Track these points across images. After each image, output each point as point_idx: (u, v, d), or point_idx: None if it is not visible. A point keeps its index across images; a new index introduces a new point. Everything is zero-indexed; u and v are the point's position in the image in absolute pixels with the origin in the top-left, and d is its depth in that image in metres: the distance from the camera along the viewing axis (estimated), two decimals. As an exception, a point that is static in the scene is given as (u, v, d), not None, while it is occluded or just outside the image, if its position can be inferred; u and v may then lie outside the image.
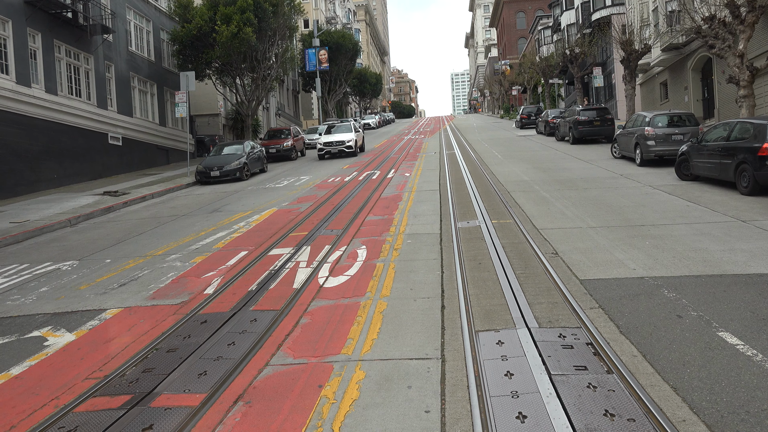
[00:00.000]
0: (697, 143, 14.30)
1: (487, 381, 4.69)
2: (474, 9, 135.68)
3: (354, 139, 28.30)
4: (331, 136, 28.97)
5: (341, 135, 28.69)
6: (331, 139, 28.37)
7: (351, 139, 28.19)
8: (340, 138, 28.26)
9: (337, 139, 28.22)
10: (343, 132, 29.33)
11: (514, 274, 7.52)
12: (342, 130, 29.70)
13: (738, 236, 8.80)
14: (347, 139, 28.19)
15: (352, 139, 28.23)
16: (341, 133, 29.19)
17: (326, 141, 28.28)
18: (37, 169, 21.11)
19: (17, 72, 20.16)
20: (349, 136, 28.41)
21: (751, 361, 4.81)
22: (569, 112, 28.86)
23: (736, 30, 17.51)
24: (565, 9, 52.11)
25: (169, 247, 10.98)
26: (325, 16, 71.76)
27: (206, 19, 28.85)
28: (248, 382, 5.03)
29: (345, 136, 28.56)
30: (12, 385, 5.40)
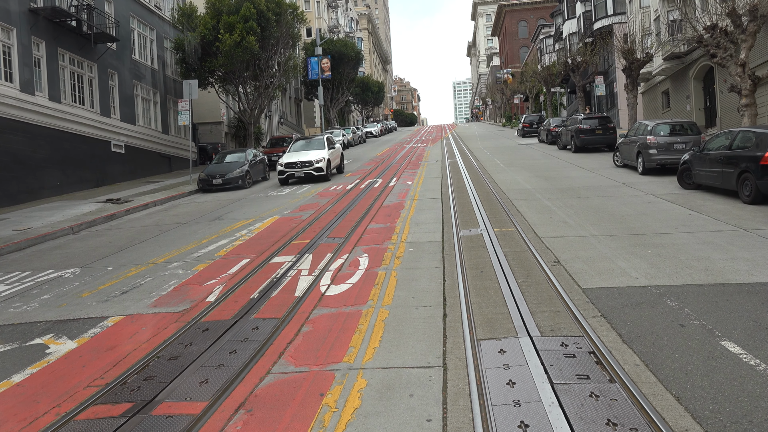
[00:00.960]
0: (699, 152, 14.30)
1: (489, 390, 4.67)
2: (476, 18, 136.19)
3: (325, 159, 22.20)
4: (295, 154, 22.87)
5: (309, 153, 22.58)
6: (294, 159, 22.17)
7: (321, 159, 22.02)
8: (306, 157, 22.05)
9: (302, 158, 22.00)
10: (312, 149, 23.31)
11: (516, 283, 7.51)
12: (312, 146, 23.74)
13: (740, 245, 8.78)
14: (316, 158, 21.97)
15: (323, 158, 22.08)
16: (310, 150, 23.19)
17: (288, 161, 22.00)
18: (40, 176, 21.17)
19: (21, 80, 20.27)
20: (318, 155, 22.29)
21: (754, 370, 4.79)
22: (571, 120, 28.88)
23: (737, 39, 17.54)
24: (566, 18, 52.25)
25: (171, 254, 10.99)
26: (327, 24, 72.09)
27: (209, 28, 29.00)
28: (250, 390, 5.02)
29: (314, 154, 22.41)
30: (14, 392, 5.40)
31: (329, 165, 22.62)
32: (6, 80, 19.72)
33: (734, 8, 17.19)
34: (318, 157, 22.08)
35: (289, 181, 22.51)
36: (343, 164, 25.39)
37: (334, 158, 23.72)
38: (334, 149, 24.03)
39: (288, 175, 22.03)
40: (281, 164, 22.20)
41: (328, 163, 22.38)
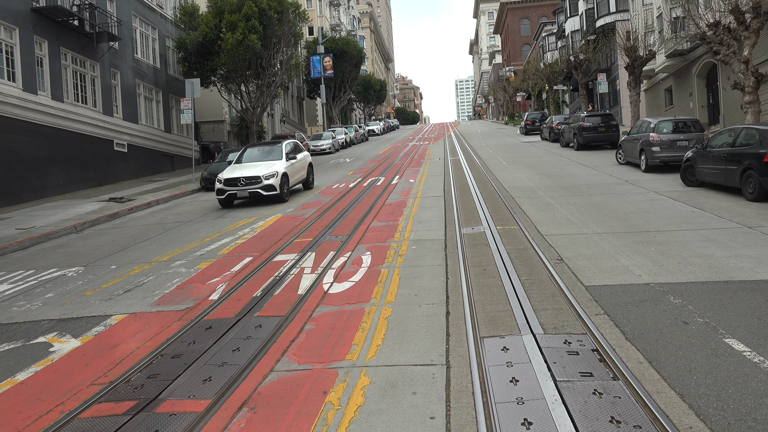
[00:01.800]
0: (703, 149, 14.27)
1: (492, 387, 4.67)
2: (478, 16, 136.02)
3: (278, 174, 16.66)
4: (240, 167, 17.29)
5: (257, 166, 17.09)
6: (237, 173, 16.67)
7: (272, 174, 16.55)
8: (252, 171, 16.58)
9: (247, 173, 16.52)
10: (263, 161, 17.66)
11: (519, 281, 7.50)
12: (265, 156, 18.12)
13: (744, 242, 8.76)
14: (265, 173, 16.48)
15: (275, 173, 16.62)
16: (260, 162, 17.56)
17: (229, 177, 16.56)
18: (43, 175, 21.21)
19: (24, 79, 20.30)
20: (269, 168, 16.81)
21: (758, 367, 4.78)
22: (574, 118, 28.85)
23: (741, 36, 17.49)
24: (569, 16, 52.14)
25: (174, 253, 11.01)
26: (329, 23, 72.07)
27: (211, 27, 29.02)
28: (253, 388, 5.03)
29: (263, 167, 16.91)
30: (18, 390, 5.41)
31: (285, 181, 17.05)
32: (9, 79, 19.75)
33: (737, 5, 17.13)
34: (268, 172, 16.52)
35: (233, 203, 17.21)
36: (311, 178, 20.07)
37: (294, 172, 18.15)
38: (294, 160, 18.30)
39: (228, 194, 16.53)
40: (220, 180, 16.60)
41: (283, 179, 16.88)
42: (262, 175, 16.42)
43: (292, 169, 18.03)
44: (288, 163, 17.67)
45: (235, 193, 16.56)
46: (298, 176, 18.70)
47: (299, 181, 19.08)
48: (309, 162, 20.18)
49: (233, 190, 16.48)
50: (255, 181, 16.39)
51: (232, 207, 16.95)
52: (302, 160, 19.33)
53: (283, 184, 16.93)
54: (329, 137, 40.23)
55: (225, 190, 16.56)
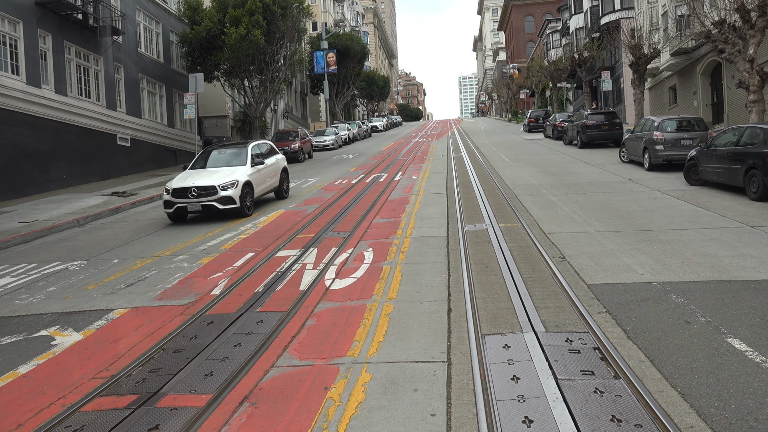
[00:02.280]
0: (706, 148, 14.23)
1: (494, 385, 4.67)
2: (482, 12, 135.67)
3: (238, 184, 13.81)
4: (193, 175, 14.39)
5: (213, 174, 14.23)
6: (188, 182, 13.76)
7: (230, 183, 13.69)
8: (207, 180, 13.72)
9: (200, 183, 13.63)
10: (224, 166, 14.93)
11: (521, 278, 7.50)
12: (226, 161, 15.31)
13: (747, 242, 8.74)
14: (222, 182, 13.61)
15: (234, 182, 13.75)
16: (219, 168, 14.77)
17: (179, 187, 13.64)
18: (46, 169, 21.24)
19: (27, 73, 20.31)
20: (229, 177, 13.89)
21: (760, 367, 4.77)
22: (577, 116, 28.79)
23: (746, 35, 17.41)
24: (573, 13, 51.98)
25: (177, 248, 11.02)
26: (333, 18, 71.95)
27: (215, 22, 28.99)
28: (254, 383, 5.04)
29: (221, 176, 13.97)
30: (19, 383, 5.43)
31: (248, 192, 14.21)
32: (12, 73, 19.76)
33: (743, 3, 17.05)
34: (225, 180, 13.63)
35: (187, 218, 14.13)
36: (285, 186, 17.16)
37: (261, 179, 15.27)
38: (262, 165, 15.40)
39: (178, 208, 13.49)
40: (168, 190, 13.74)
41: (245, 189, 13.99)
42: (218, 184, 13.48)
43: (259, 176, 15.10)
44: (253, 169, 14.79)
45: (185, 207, 13.47)
46: (267, 184, 15.84)
47: (269, 190, 16.24)
48: (283, 167, 17.22)
49: (183, 202, 13.45)
50: (209, 192, 13.44)
51: (184, 222, 13.97)
52: (273, 165, 16.43)
53: (245, 195, 14.00)
54: (332, 133, 40.20)
55: (173, 202, 13.52)
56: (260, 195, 15.42)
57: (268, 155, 16.34)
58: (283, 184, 17.03)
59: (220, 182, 13.61)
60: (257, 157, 15.45)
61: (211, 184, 13.58)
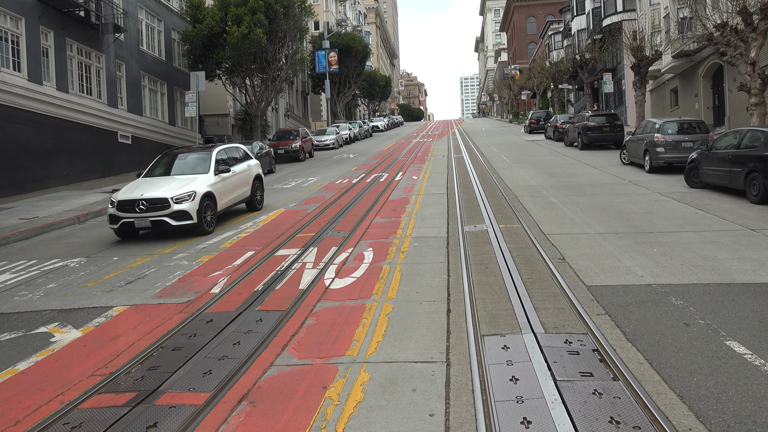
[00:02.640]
0: (707, 151, 14.23)
1: (492, 385, 4.67)
2: (484, 13, 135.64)
3: (198, 195, 11.84)
4: (145, 183, 12.45)
5: (168, 184, 12.14)
6: (136, 194, 11.79)
7: (186, 195, 11.69)
8: (158, 192, 11.71)
9: (150, 194, 11.67)
10: (178, 175, 12.81)
11: (520, 279, 7.50)
12: (186, 168, 13.14)
13: (747, 245, 8.74)
14: (176, 194, 11.64)
15: (191, 193, 11.75)
16: (175, 177, 12.68)
17: (126, 199, 11.71)
18: (47, 166, 21.24)
19: (29, 69, 20.31)
20: (185, 187, 11.91)
21: (759, 370, 4.77)
22: (578, 117, 28.77)
23: (748, 38, 17.40)
24: (575, 14, 51.97)
25: (177, 246, 11.02)
26: (335, 18, 71.93)
27: (217, 20, 28.99)
28: (253, 381, 5.03)
29: (175, 186, 11.97)
30: (18, 380, 5.43)
31: (209, 205, 12.12)
32: (14, 69, 19.76)
33: (745, 6, 17.05)
34: (180, 192, 11.62)
35: (138, 233, 12.26)
36: (258, 197, 15.01)
37: (227, 190, 13.16)
38: (228, 174, 13.27)
39: (124, 224, 11.52)
40: (113, 202, 11.77)
41: (204, 201, 11.90)
42: (171, 196, 11.48)
43: (224, 186, 13.04)
44: (217, 178, 12.76)
45: (132, 222, 11.44)
46: (235, 195, 13.70)
47: (239, 201, 14.08)
48: (256, 174, 15.01)
49: (129, 217, 11.43)
50: (160, 206, 11.45)
51: (132, 238, 12.04)
52: (244, 172, 14.31)
53: (205, 209, 11.91)
54: (333, 132, 40.22)
55: (118, 217, 11.54)
56: (226, 207, 13.40)
57: (239, 161, 14.45)
58: (255, 194, 14.85)
59: (174, 194, 11.58)
60: (223, 163, 13.48)
61: (163, 195, 11.55)
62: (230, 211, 14.28)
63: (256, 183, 14.98)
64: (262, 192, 15.40)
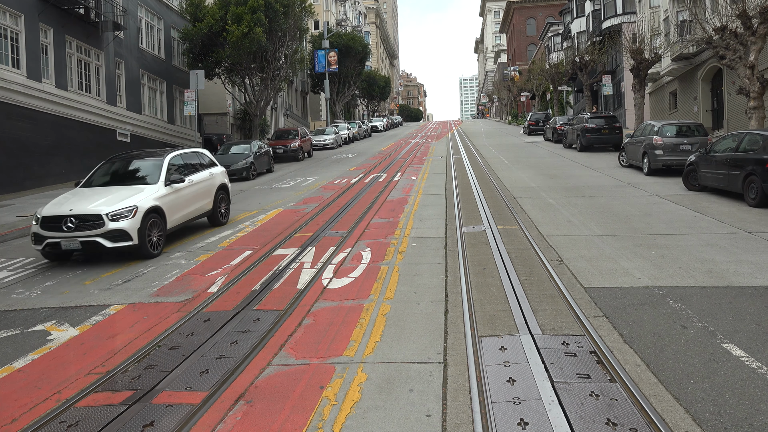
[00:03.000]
0: (706, 154, 14.25)
1: (489, 386, 4.67)
2: (484, 14, 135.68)
3: (141, 210, 9.88)
4: (76, 197, 10.43)
5: (103, 198, 10.08)
6: (65, 209, 9.80)
7: (125, 211, 9.71)
8: (90, 207, 9.75)
9: (80, 209, 9.70)
10: (121, 185, 10.96)
11: (518, 280, 7.50)
12: (129, 177, 11.41)
13: (745, 248, 8.75)
14: (112, 210, 9.62)
15: (131, 208, 9.78)
16: (116, 188, 10.77)
17: (51, 215, 9.72)
18: (46, 163, 21.21)
19: (28, 67, 20.27)
20: (124, 201, 9.91)
21: (755, 373, 4.78)
22: (577, 119, 28.79)
23: (747, 41, 17.43)
24: (575, 16, 51.99)
25: (174, 244, 11.01)
26: (335, 18, 71.92)
27: (217, 19, 28.97)
28: (250, 381, 5.03)
29: (111, 201, 9.94)
30: (15, 378, 5.42)
31: (154, 223, 10.19)
32: (13, 66, 19.73)
33: (745, 10, 17.08)
34: (118, 207, 9.70)
35: (71, 256, 10.27)
36: (223, 209, 13.02)
37: (179, 204, 11.21)
38: (183, 184, 11.33)
39: (49, 245, 9.59)
40: (38, 219, 9.83)
41: (149, 218, 10.02)
42: (106, 212, 9.48)
43: (177, 198, 11.09)
44: (168, 189, 10.82)
45: (58, 243, 9.48)
46: (192, 209, 11.68)
47: (198, 215, 12.02)
48: (221, 184, 12.97)
49: (55, 237, 9.49)
50: (92, 223, 9.47)
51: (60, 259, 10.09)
52: (205, 182, 12.33)
53: (150, 228, 9.99)
54: (332, 132, 40.20)
55: (43, 237, 9.58)
56: (181, 224, 11.41)
57: (199, 169, 12.46)
58: (218, 207, 12.80)
59: (111, 209, 9.55)
60: (178, 171, 11.57)
61: (96, 211, 9.54)
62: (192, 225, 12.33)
63: (220, 194, 12.99)
64: (227, 204, 13.39)
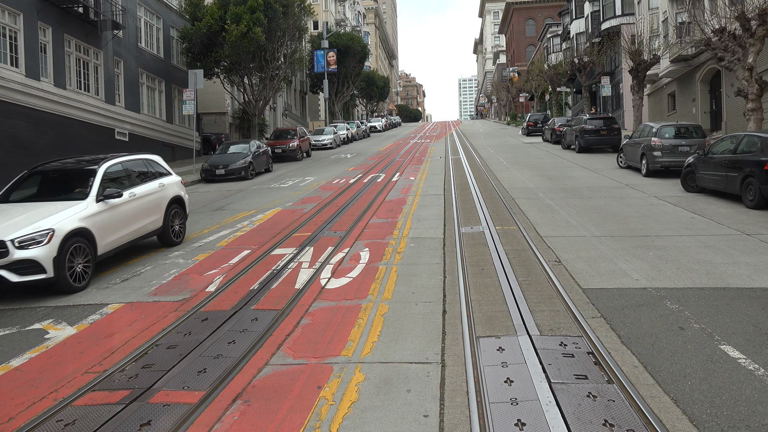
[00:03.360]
0: (704, 155, 14.26)
1: (487, 387, 4.67)
2: (483, 15, 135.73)
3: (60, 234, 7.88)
4: None
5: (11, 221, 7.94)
6: None
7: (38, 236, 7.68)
8: None
9: None
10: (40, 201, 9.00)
11: (516, 281, 7.50)
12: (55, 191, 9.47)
13: (742, 249, 8.76)
14: (19, 236, 7.58)
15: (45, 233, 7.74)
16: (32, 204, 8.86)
17: None
18: (44, 162, 21.17)
19: (27, 65, 20.24)
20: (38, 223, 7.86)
21: (752, 375, 4.78)
22: (576, 120, 28.81)
23: (746, 43, 17.46)
24: (574, 18, 52.05)
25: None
26: (334, 18, 71.92)
27: (216, 18, 28.94)
28: (247, 381, 5.03)
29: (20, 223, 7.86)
30: (12, 376, 5.41)
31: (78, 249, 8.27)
32: (12, 65, 19.70)
33: (743, 12, 17.11)
34: (27, 232, 7.76)
35: None
36: (177, 227, 11.03)
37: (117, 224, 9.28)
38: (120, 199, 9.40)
39: None
40: None
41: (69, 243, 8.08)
42: (11, 238, 7.61)
43: (113, 217, 9.11)
44: (100, 206, 8.90)
45: None
46: (132, 228, 9.58)
47: (143, 234, 10.01)
48: (174, 196, 10.99)
49: None
50: None
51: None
52: (152, 195, 10.27)
53: (71, 256, 8.05)
54: (331, 132, 40.20)
55: None
56: (117, 247, 9.28)
57: (147, 179, 10.46)
58: (171, 224, 10.75)
59: (17, 234, 7.65)
60: (117, 183, 9.68)
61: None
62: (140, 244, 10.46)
63: (174, 208, 10.92)
64: (183, 220, 11.25)
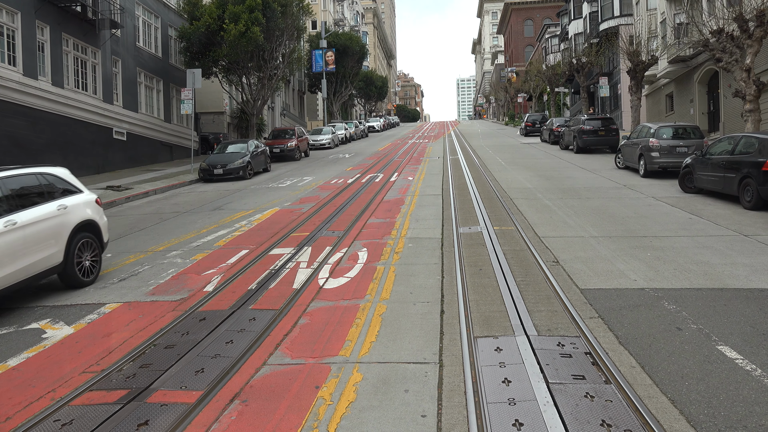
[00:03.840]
0: (702, 156, 14.29)
1: (485, 387, 4.68)
2: (482, 15, 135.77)
3: None
4: None
5: None
6: None
7: None
8: None
9: None
10: None
11: (514, 281, 7.51)
12: None
13: (740, 250, 8.78)
14: None
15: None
16: None
17: None
18: (42, 161, 21.09)
19: (24, 64, 20.21)
20: None
21: (750, 375, 4.79)
22: (574, 121, 28.84)
23: (743, 44, 17.49)
24: (573, 18, 52.10)
25: (170, 243, 10.99)
26: (333, 17, 71.91)
27: (214, 18, 28.92)
28: (245, 380, 5.02)
29: None
30: (9, 376, 5.40)
31: None
32: (9, 64, 19.66)
33: (741, 13, 17.14)
34: None
35: None
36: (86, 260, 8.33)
37: None
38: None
39: None
40: None
41: None
42: None
43: None
44: None
45: None
46: (19, 266, 7.10)
47: (35, 273, 7.44)
48: (83, 222, 8.36)
49: None
50: None
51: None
52: (46, 221, 7.67)
53: None
54: (329, 132, 40.19)
55: None
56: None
57: (40, 201, 7.82)
58: (78, 258, 8.17)
59: None
60: None
61: None
62: None
63: (83, 237, 8.31)
64: (96, 252, 8.58)
